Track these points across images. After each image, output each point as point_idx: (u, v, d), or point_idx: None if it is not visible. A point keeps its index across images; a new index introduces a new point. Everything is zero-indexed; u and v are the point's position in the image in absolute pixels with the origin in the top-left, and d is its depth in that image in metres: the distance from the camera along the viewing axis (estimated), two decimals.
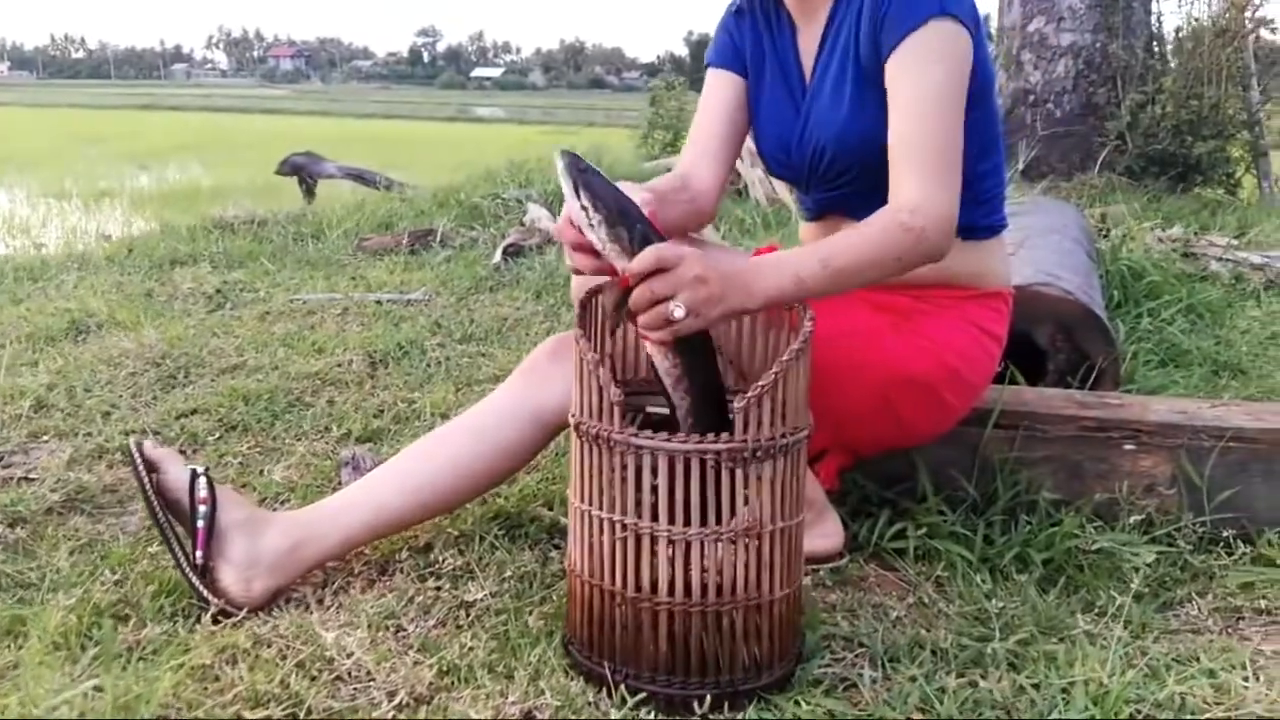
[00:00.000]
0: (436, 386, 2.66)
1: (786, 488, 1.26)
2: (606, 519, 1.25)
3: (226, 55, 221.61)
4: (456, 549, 1.69)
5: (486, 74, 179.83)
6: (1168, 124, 5.77)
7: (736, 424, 1.21)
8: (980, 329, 1.67)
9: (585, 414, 1.26)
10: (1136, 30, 6.21)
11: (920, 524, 1.72)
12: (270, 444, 2.26)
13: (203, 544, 1.47)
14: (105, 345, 2.96)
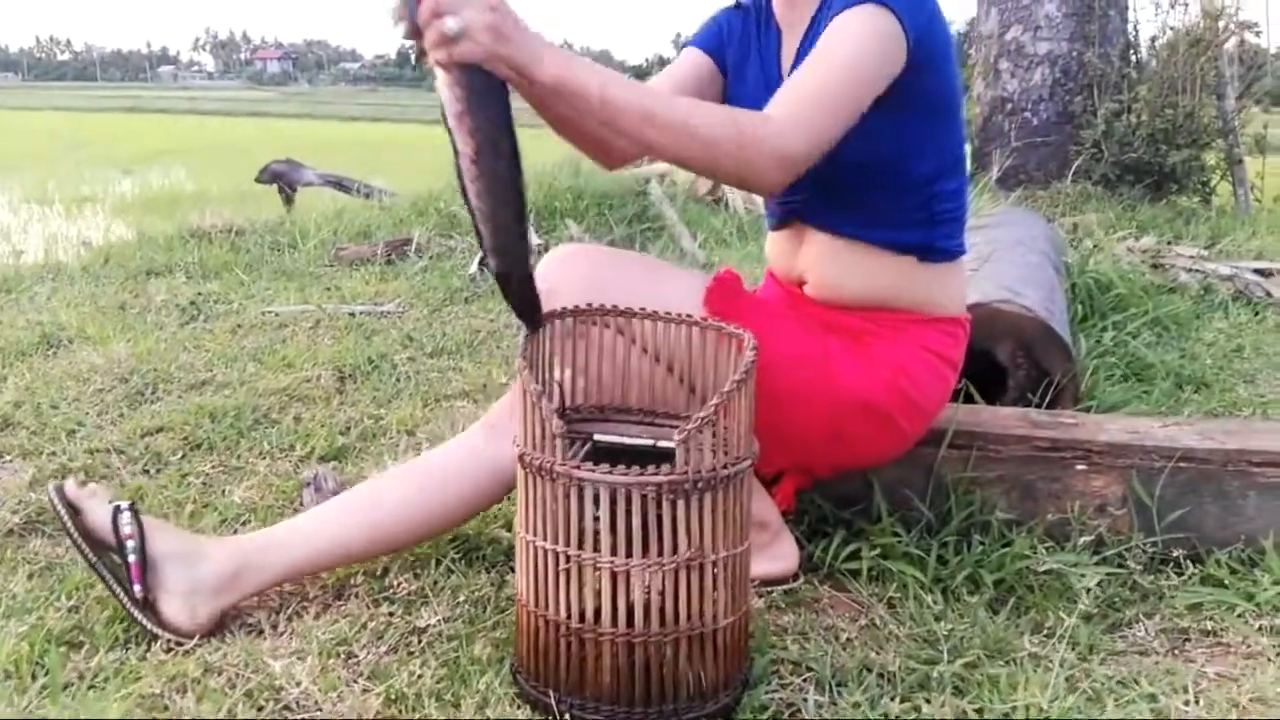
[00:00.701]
0: (404, 402, 2.66)
1: (729, 517, 1.27)
2: (550, 550, 1.26)
3: (213, 57, 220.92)
4: (412, 572, 1.70)
5: None
6: (1142, 133, 5.80)
7: (677, 456, 1.22)
8: (934, 354, 1.68)
9: (529, 445, 1.27)
10: (1113, 39, 6.24)
11: (874, 545, 1.74)
12: (234, 463, 2.26)
13: (137, 578, 1.48)
14: (75, 360, 2.96)
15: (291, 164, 6.73)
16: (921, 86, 1.57)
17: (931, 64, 1.56)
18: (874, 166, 1.63)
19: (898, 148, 1.62)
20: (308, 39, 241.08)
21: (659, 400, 1.53)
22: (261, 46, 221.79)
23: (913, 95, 1.56)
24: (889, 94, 1.52)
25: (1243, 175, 5.97)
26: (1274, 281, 3.61)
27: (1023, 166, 6.14)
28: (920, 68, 1.54)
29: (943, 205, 1.67)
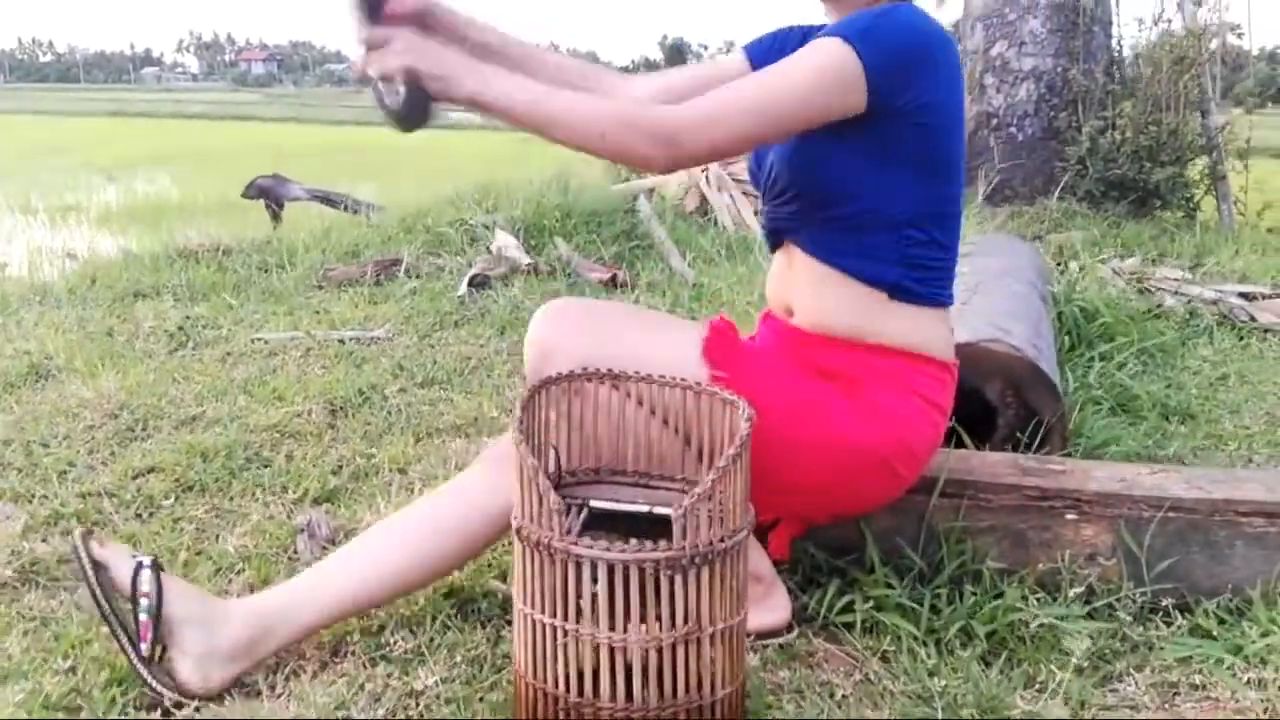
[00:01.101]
0: (395, 438, 2.67)
1: (726, 587, 1.28)
2: (548, 623, 1.27)
3: (197, 59, 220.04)
4: (409, 629, 1.70)
5: None
6: (1127, 149, 5.84)
7: (675, 531, 1.23)
8: (923, 399, 1.69)
9: (526, 518, 1.28)
10: (1097, 55, 6.29)
11: (868, 596, 1.75)
12: (226, 506, 2.26)
13: (145, 636, 1.48)
14: (64, 394, 2.95)
15: (278, 179, 6.72)
16: (897, 136, 1.59)
17: (904, 116, 1.57)
18: (848, 198, 1.65)
19: (869, 188, 1.64)
20: (293, 40, 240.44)
21: (654, 461, 1.54)
22: (246, 48, 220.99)
23: (883, 142, 1.59)
24: (860, 136, 1.56)
25: (1226, 190, 6.02)
26: (1258, 305, 3.64)
27: (1009, 182, 6.18)
28: (889, 118, 1.56)
29: (917, 251, 1.67)
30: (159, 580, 1.51)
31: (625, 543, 1.27)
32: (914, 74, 1.56)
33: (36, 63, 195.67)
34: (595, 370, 1.49)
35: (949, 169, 1.69)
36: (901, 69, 1.54)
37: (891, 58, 1.53)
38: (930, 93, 1.59)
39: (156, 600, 1.49)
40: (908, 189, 1.64)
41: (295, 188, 6.77)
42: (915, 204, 1.65)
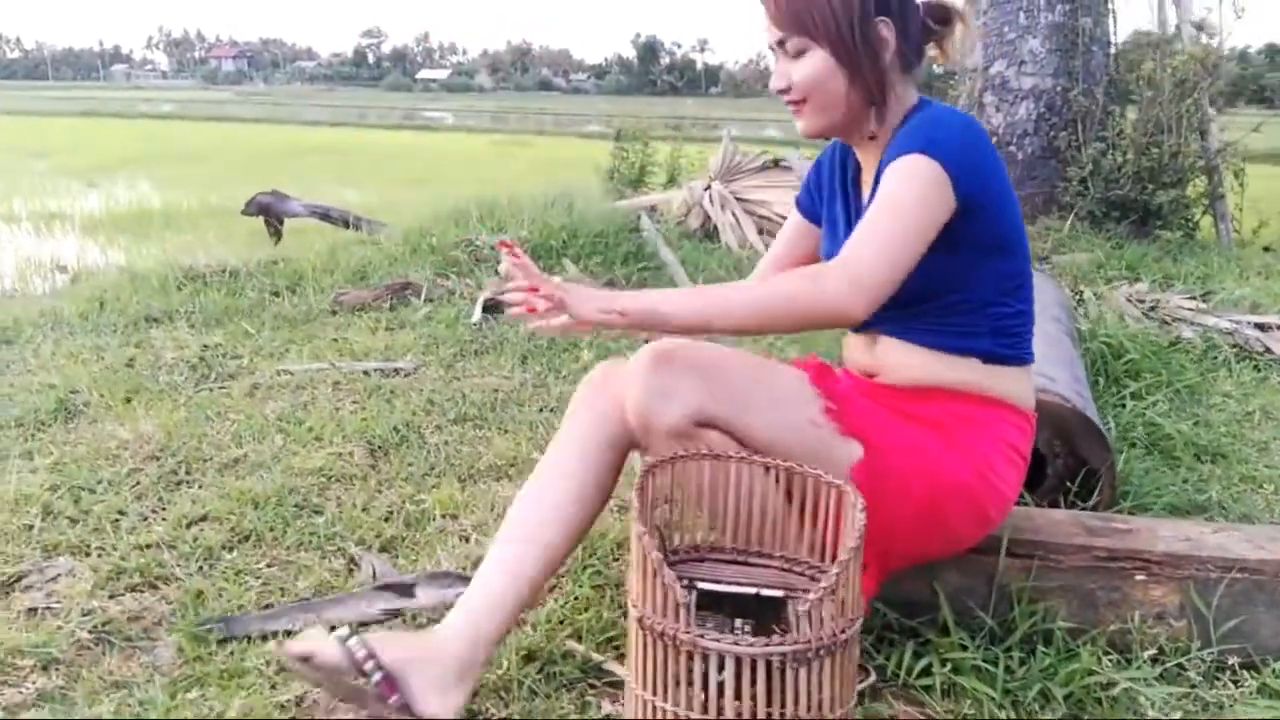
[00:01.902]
0: (441, 482, 2.68)
1: (845, 676, 1.30)
2: (671, 712, 1.29)
3: (167, 56, 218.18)
4: (498, 695, 1.72)
5: (433, 76, 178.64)
6: (1128, 170, 5.91)
7: (800, 625, 1.25)
8: (1012, 448, 1.77)
9: (649, 608, 1.30)
10: (1096, 75, 6.35)
11: (944, 659, 1.78)
12: (285, 557, 2.26)
13: (391, 691, 1.51)
14: (99, 433, 2.95)
15: (278, 196, 6.69)
16: (976, 229, 1.68)
17: (982, 208, 1.66)
18: (938, 293, 1.74)
19: (957, 280, 1.74)
20: (264, 37, 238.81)
21: (753, 538, 1.57)
22: (216, 45, 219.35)
23: (967, 236, 1.67)
24: (942, 236, 1.63)
25: (1224, 210, 6.10)
26: (1272, 336, 3.70)
27: None
28: (971, 212, 1.65)
29: (1004, 323, 1.78)
30: (364, 641, 1.53)
31: (732, 624, 1.30)
32: (980, 165, 1.66)
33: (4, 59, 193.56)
34: (697, 450, 1.51)
35: (1019, 243, 1.79)
36: (973, 165, 1.64)
37: (965, 159, 1.63)
38: (992, 179, 1.68)
39: (376, 658, 1.51)
40: (989, 272, 1.74)
41: (295, 204, 6.75)
42: (998, 282, 1.76)
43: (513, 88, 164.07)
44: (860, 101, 1.73)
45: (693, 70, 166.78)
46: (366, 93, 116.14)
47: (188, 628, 1.91)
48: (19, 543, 2.27)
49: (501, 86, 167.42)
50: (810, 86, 1.72)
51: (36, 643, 1.84)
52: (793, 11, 1.70)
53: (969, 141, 1.65)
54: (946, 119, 1.68)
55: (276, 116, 40.72)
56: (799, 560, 1.56)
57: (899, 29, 1.71)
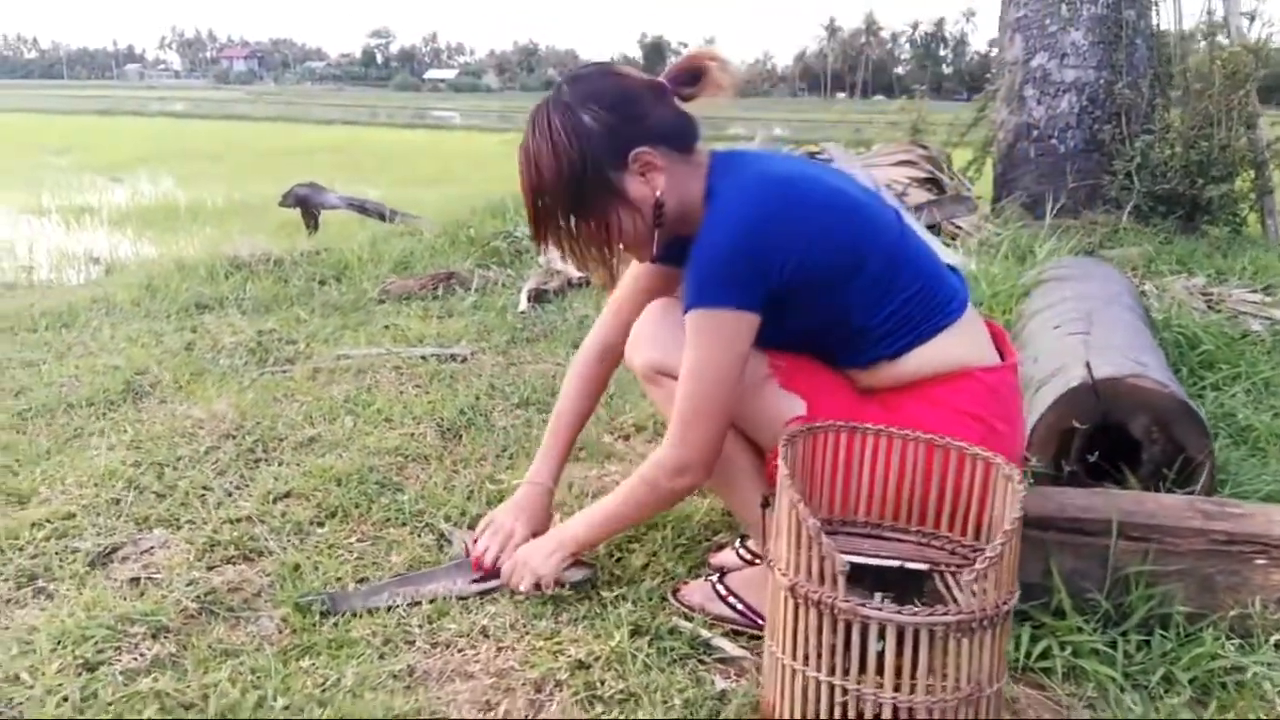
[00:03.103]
0: (517, 463, 2.66)
1: (1001, 649, 1.28)
2: (825, 682, 1.27)
3: (180, 56, 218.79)
4: (613, 669, 1.70)
5: (440, 76, 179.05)
6: (1176, 164, 5.86)
7: (964, 595, 1.23)
8: (950, 408, 1.69)
9: (803, 576, 1.28)
10: (1139, 68, 6.31)
11: (1063, 642, 1.76)
12: (374, 533, 2.25)
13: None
14: (171, 413, 2.95)
15: (315, 187, 6.70)
16: (803, 298, 1.68)
17: (791, 288, 1.66)
18: (811, 346, 1.77)
19: (827, 325, 1.74)
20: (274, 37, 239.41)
21: (886, 512, 1.55)
22: (228, 45, 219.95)
23: (800, 306, 1.69)
24: (781, 318, 1.67)
25: (1272, 206, 6.04)
26: None
27: (1051, 193, 6.18)
28: (784, 295, 1.66)
29: (893, 319, 1.71)
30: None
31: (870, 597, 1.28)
32: (765, 262, 1.63)
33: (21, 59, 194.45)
34: (833, 422, 1.49)
35: (852, 253, 1.70)
36: (751, 273, 1.63)
37: (739, 278, 1.63)
38: (779, 268, 1.64)
39: None
40: (844, 305, 1.71)
41: (331, 196, 6.75)
42: (857, 304, 1.71)
43: (519, 88, 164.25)
44: (652, 220, 1.74)
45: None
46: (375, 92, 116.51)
47: (290, 599, 1.90)
48: (109, 516, 2.27)
49: (508, 86, 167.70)
50: (620, 248, 1.78)
51: (145, 611, 1.83)
52: (538, 231, 1.78)
53: (738, 252, 1.62)
54: (707, 245, 1.64)
55: (288, 115, 40.88)
56: (935, 534, 1.53)
57: (644, 136, 1.70)
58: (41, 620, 1.81)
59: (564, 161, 1.68)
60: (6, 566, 2.02)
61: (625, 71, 1.76)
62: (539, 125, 1.71)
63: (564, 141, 1.67)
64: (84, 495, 2.36)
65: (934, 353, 1.72)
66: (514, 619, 1.88)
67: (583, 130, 1.67)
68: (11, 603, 1.91)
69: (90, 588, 1.94)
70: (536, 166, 1.70)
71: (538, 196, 1.73)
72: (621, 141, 1.69)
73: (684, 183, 1.73)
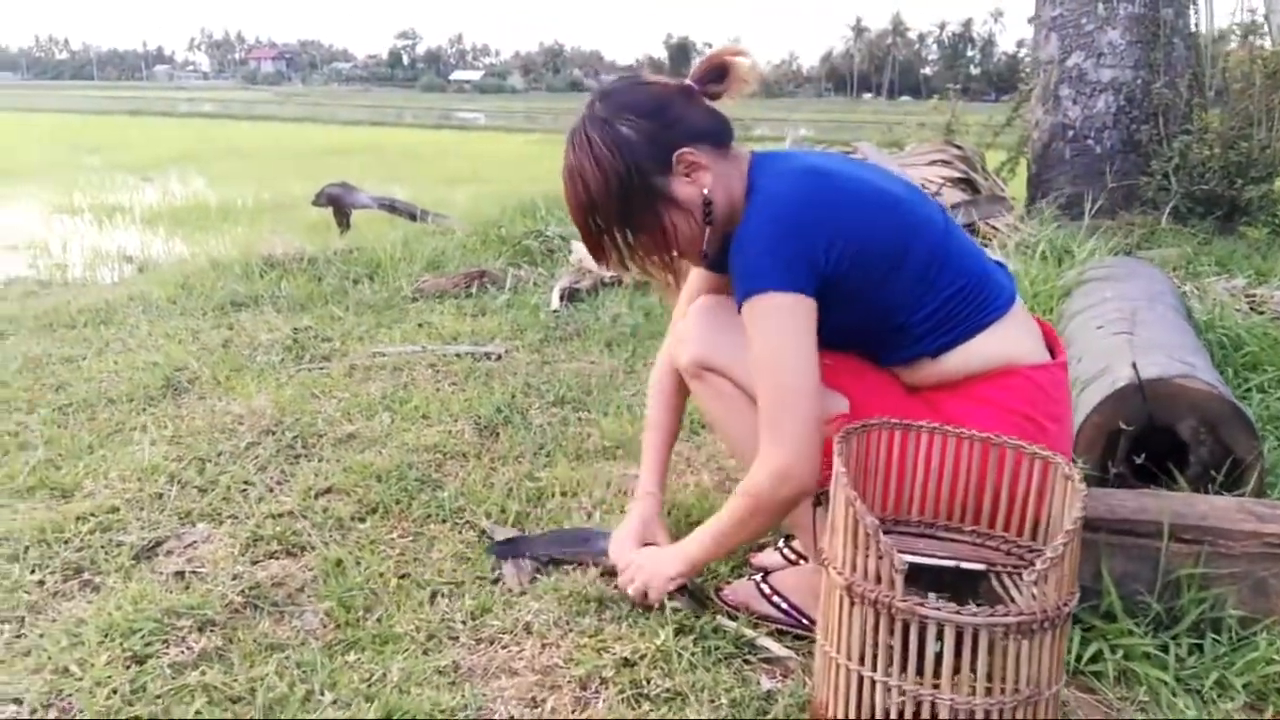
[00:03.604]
0: (555, 461, 2.66)
1: (1060, 651, 1.27)
2: (881, 682, 1.26)
3: (208, 57, 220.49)
4: (660, 667, 1.69)
5: (466, 77, 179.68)
6: (1215, 165, 5.80)
7: (1023, 595, 1.22)
8: (996, 405, 1.67)
9: (859, 575, 1.26)
10: (1178, 67, 6.24)
11: (1115, 645, 1.73)
12: (415, 529, 2.25)
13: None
14: (210, 408, 2.96)
15: (346, 187, 6.72)
16: (850, 285, 1.66)
17: (839, 274, 1.64)
18: (859, 341, 1.75)
19: (869, 321, 1.72)
20: (302, 39, 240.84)
21: (940, 511, 1.53)
22: (256, 46, 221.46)
23: (846, 295, 1.66)
24: (831, 310, 1.64)
25: None
26: None
27: (1087, 194, 6.12)
28: (833, 282, 1.64)
29: (936, 316, 1.70)
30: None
31: (926, 597, 1.27)
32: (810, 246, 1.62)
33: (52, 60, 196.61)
34: (886, 420, 1.48)
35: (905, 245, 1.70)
36: (799, 257, 1.62)
37: (788, 260, 1.61)
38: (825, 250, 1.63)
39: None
40: (890, 299, 1.69)
41: (362, 195, 6.77)
42: (902, 299, 1.70)
43: (544, 88, 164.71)
44: (703, 222, 1.73)
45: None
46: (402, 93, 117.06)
47: (334, 593, 1.90)
48: (152, 510, 2.28)
49: (533, 87, 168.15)
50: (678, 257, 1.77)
51: (191, 604, 1.84)
52: (597, 249, 1.77)
53: (784, 235, 1.61)
54: (753, 231, 1.63)
55: (316, 116, 41.08)
56: (990, 533, 1.52)
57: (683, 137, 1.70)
58: (89, 613, 1.82)
59: (610, 175, 1.68)
60: (53, 560, 2.03)
61: (652, 79, 1.77)
62: (579, 144, 1.70)
63: (606, 155, 1.67)
64: (127, 489, 2.37)
65: (978, 349, 1.70)
66: (557, 615, 1.87)
67: (623, 141, 1.67)
68: (59, 595, 1.92)
69: (136, 581, 1.95)
70: (584, 184, 1.70)
71: (589, 215, 1.72)
72: (662, 146, 1.69)
73: (728, 178, 1.72)
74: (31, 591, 1.92)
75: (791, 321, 1.60)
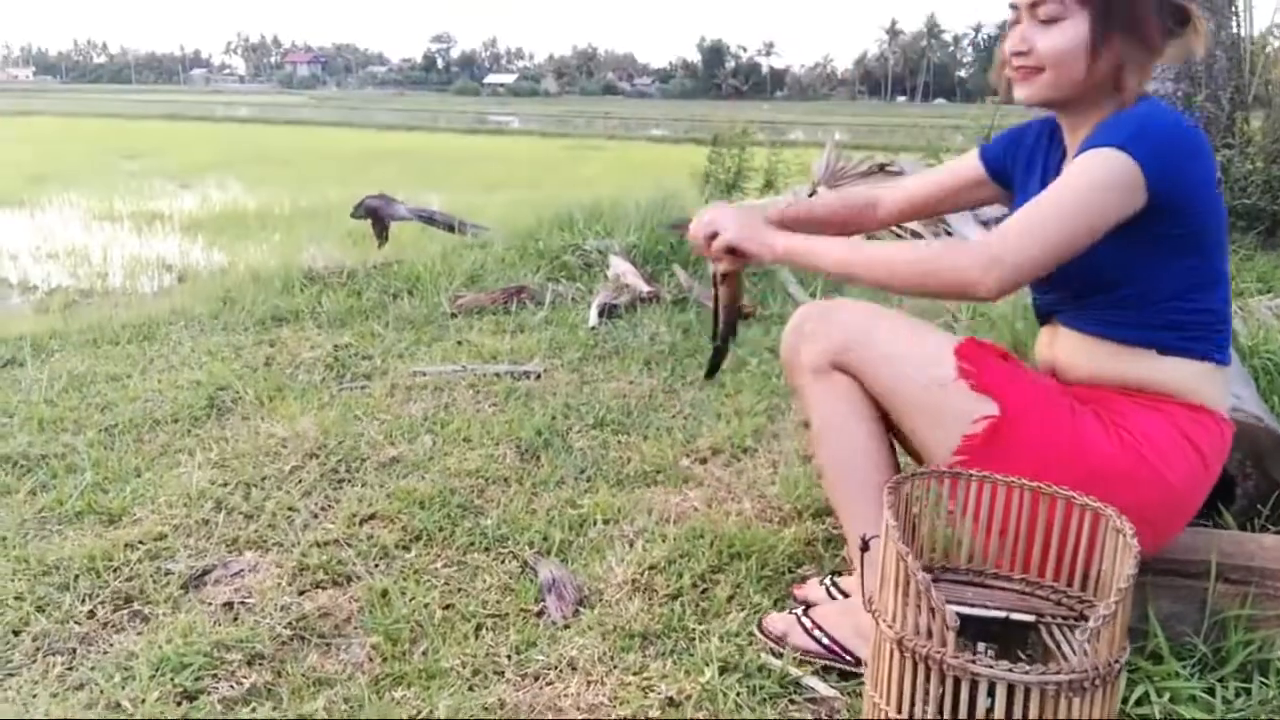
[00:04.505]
0: (596, 487, 2.67)
1: (1112, 708, 1.26)
2: None
3: (244, 61, 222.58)
4: (704, 707, 1.70)
5: (500, 80, 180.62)
6: (1257, 178, 5.75)
7: (1076, 653, 1.22)
8: (1185, 437, 1.67)
9: (911, 630, 1.27)
10: (1219, 79, 6.19)
11: (1161, 688, 1.73)
12: (459, 558, 2.27)
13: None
14: (255, 430, 3.00)
15: (385, 199, 6.76)
16: (1166, 227, 1.62)
17: (1179, 206, 1.61)
18: (1118, 285, 1.69)
19: (1138, 274, 1.68)
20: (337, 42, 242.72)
21: (989, 559, 1.53)
22: (292, 50, 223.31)
23: (1156, 234, 1.62)
24: (1128, 231, 1.59)
25: None
26: None
27: None
28: (1163, 211, 1.59)
29: (1190, 317, 1.69)
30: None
31: (974, 648, 1.27)
32: (1183, 167, 1.60)
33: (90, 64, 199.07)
34: (934, 469, 1.48)
35: (1214, 245, 1.71)
36: (1174, 165, 1.58)
37: (1164, 157, 1.57)
38: (1193, 182, 1.62)
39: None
40: (1174, 270, 1.67)
41: (400, 207, 6.81)
42: (1180, 280, 1.68)
43: (578, 92, 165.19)
44: (1098, 81, 1.67)
45: (758, 74, 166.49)
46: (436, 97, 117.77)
47: (381, 625, 1.92)
48: (199, 537, 2.31)
49: (567, 90, 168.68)
50: (1056, 57, 1.67)
51: (240, 637, 1.87)
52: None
53: (1173, 141, 1.59)
54: (1158, 116, 1.61)
55: (352, 120, 41.48)
56: (1040, 583, 1.52)
57: (1156, 13, 1.66)
58: (140, 645, 1.85)
59: None
60: (103, 589, 2.06)
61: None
62: None
63: None
64: (174, 515, 2.41)
65: (1193, 371, 1.70)
66: (602, 651, 1.88)
67: None
68: (109, 626, 1.95)
69: (185, 611, 1.98)
70: None
71: None
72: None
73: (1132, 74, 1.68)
74: (82, 622, 1.95)
75: (1107, 176, 1.56)
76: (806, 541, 2.34)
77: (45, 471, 2.65)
